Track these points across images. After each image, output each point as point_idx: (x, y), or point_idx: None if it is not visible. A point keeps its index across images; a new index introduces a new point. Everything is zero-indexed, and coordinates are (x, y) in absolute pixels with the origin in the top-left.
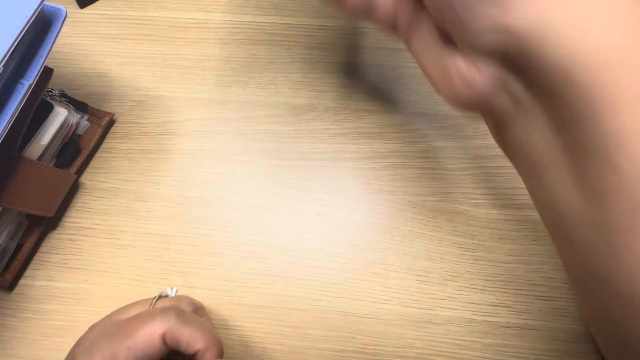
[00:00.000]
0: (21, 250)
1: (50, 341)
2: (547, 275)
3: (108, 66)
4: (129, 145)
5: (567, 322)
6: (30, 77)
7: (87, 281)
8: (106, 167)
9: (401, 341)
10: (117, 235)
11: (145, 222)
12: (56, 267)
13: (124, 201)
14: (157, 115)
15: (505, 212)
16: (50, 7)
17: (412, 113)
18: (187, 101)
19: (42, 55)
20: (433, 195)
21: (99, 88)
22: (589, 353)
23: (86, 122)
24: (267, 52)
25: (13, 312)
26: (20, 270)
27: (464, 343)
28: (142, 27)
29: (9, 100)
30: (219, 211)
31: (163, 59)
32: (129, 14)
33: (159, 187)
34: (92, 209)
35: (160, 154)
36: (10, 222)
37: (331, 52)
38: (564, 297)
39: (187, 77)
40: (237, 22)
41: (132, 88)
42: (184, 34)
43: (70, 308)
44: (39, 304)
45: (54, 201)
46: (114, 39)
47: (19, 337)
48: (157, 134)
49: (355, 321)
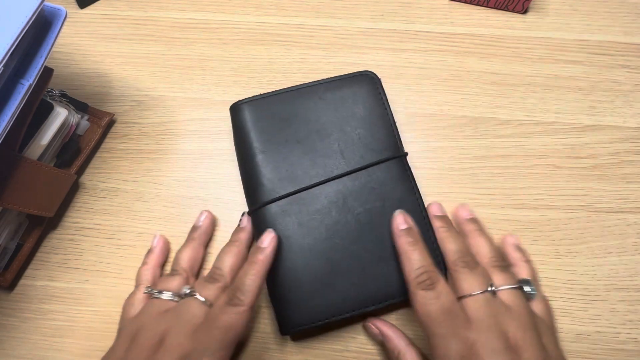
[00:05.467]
0: (21, 250)
1: (50, 341)
2: (547, 275)
3: (108, 66)
4: (129, 145)
5: (567, 322)
6: (30, 77)
7: (87, 281)
8: (106, 167)
9: None
10: (117, 235)
11: (145, 222)
12: (56, 267)
13: (124, 201)
14: (157, 115)
15: (505, 212)
16: (50, 7)
17: (412, 113)
18: (187, 101)
19: (42, 55)
20: (433, 195)
21: (99, 88)
22: (589, 353)
23: (86, 122)
24: (267, 52)
25: (13, 312)
26: (20, 270)
27: None
28: (142, 27)
29: (9, 100)
30: (219, 211)
31: (163, 59)
32: (129, 14)
33: (159, 187)
34: (92, 209)
35: (160, 154)
36: (10, 222)
37: (331, 52)
38: (564, 297)
39: (187, 77)
40: (237, 22)
41: (132, 88)
42: (184, 34)
43: (70, 308)
44: (39, 304)
45: (54, 201)
46: (114, 39)
47: (19, 337)
48: (157, 134)
49: (356, 321)
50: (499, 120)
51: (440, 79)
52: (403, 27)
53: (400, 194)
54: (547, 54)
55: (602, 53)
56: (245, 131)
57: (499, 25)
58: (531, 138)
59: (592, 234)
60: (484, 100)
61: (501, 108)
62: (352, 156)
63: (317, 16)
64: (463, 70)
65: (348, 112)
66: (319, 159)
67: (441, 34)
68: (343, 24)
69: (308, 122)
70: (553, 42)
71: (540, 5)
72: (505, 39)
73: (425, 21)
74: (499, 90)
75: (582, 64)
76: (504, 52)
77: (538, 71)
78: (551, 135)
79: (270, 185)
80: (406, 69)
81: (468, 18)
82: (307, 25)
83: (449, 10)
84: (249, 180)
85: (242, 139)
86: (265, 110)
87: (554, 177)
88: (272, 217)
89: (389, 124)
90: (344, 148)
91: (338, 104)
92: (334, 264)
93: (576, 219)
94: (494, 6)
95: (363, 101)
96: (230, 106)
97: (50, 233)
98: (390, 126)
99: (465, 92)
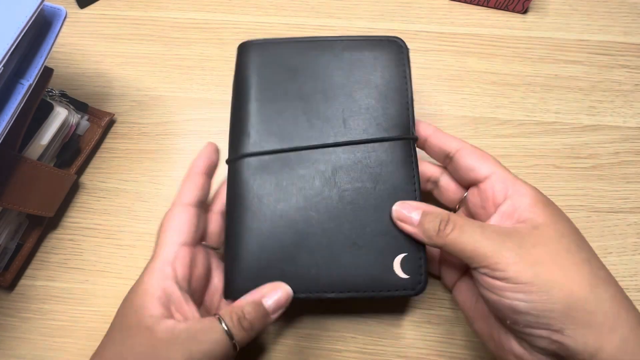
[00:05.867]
0: (21, 250)
1: (50, 341)
2: None
3: (108, 66)
4: (129, 145)
5: None
6: (30, 77)
7: (87, 281)
8: (106, 167)
9: (401, 341)
10: (117, 235)
11: (145, 222)
12: (56, 267)
13: (124, 201)
14: (157, 115)
15: None
16: (50, 7)
17: None
18: (187, 101)
19: (42, 56)
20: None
21: (99, 88)
22: None
23: (86, 122)
24: None
25: (13, 312)
26: (20, 270)
27: (464, 343)
28: (142, 27)
29: (9, 100)
30: None
31: (163, 59)
32: (129, 14)
33: (159, 187)
34: (92, 209)
35: (160, 154)
36: (10, 222)
37: None
38: None
39: (187, 77)
40: (237, 22)
41: (132, 88)
42: (184, 34)
43: (70, 308)
44: (39, 304)
45: (54, 201)
46: (114, 39)
47: (19, 337)
48: (157, 134)
49: (356, 321)
50: (499, 120)
51: (440, 79)
52: (403, 27)
53: (397, 181)
54: (547, 54)
55: (602, 53)
56: (245, 74)
57: (499, 25)
58: (531, 138)
59: (592, 234)
60: (484, 100)
61: (501, 108)
62: (355, 127)
63: (317, 16)
64: (463, 70)
65: (363, 78)
66: (317, 121)
67: (441, 34)
68: (343, 24)
69: (316, 79)
70: (553, 42)
71: (540, 5)
72: (505, 39)
73: (425, 21)
74: (499, 90)
75: (582, 64)
76: (504, 52)
77: (538, 71)
78: (551, 135)
79: (257, 137)
80: None
81: (468, 18)
82: (307, 25)
83: (449, 10)
84: (236, 126)
85: (240, 81)
86: (274, 56)
87: (554, 177)
88: (250, 171)
89: (405, 100)
90: (348, 116)
91: (354, 66)
92: (301, 238)
93: (576, 219)
94: (494, 6)
95: (382, 69)
96: (239, 45)
97: (50, 233)
98: (406, 103)
99: (465, 92)
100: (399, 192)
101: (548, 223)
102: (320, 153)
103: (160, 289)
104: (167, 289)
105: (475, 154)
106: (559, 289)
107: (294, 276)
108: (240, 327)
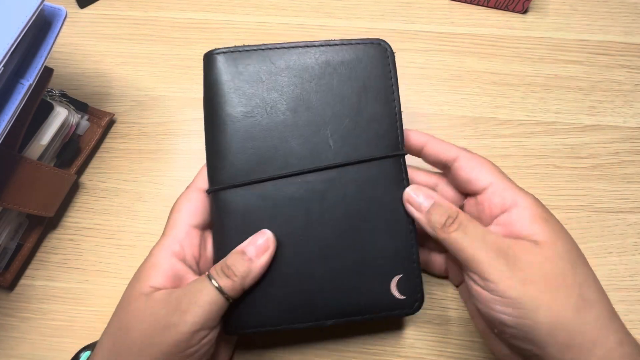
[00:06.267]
0: (21, 250)
1: (50, 341)
2: None
3: (108, 66)
4: (129, 145)
5: None
6: (30, 77)
7: (87, 281)
8: (106, 167)
9: (401, 341)
10: (117, 235)
11: (145, 222)
12: (56, 267)
13: (124, 201)
14: (157, 115)
15: None
16: (50, 7)
17: (412, 113)
18: (187, 101)
19: (42, 55)
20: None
21: (99, 88)
22: None
23: (86, 122)
24: None
25: (13, 312)
26: (20, 270)
27: (464, 343)
28: (142, 27)
29: (9, 100)
30: None
31: (163, 59)
32: (129, 14)
33: (159, 187)
34: (92, 209)
35: (160, 154)
36: (10, 222)
37: None
38: None
39: (187, 77)
40: (237, 22)
41: (132, 88)
42: (184, 34)
43: (70, 308)
44: (39, 304)
45: (54, 201)
46: (114, 39)
47: (19, 337)
48: (157, 134)
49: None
50: (499, 120)
51: (440, 79)
52: (403, 27)
53: (389, 201)
54: (547, 54)
55: (602, 53)
56: (216, 91)
57: (499, 25)
58: (531, 138)
59: (592, 234)
60: (484, 100)
61: (501, 108)
62: (339, 147)
63: (317, 16)
64: (463, 70)
65: (344, 90)
66: (297, 141)
67: (441, 34)
68: (343, 24)
69: (293, 92)
70: (553, 42)
71: (540, 5)
72: (505, 39)
73: (426, 21)
74: (499, 90)
75: (582, 64)
76: (504, 52)
77: (538, 71)
78: (551, 135)
79: (236, 166)
80: (406, 68)
81: (468, 18)
82: (307, 25)
83: (449, 10)
84: (211, 153)
85: (210, 98)
86: (245, 68)
87: (554, 177)
88: (233, 204)
89: (393, 112)
90: (330, 134)
91: (334, 76)
92: (295, 269)
93: (576, 219)
94: (494, 6)
95: (365, 79)
96: (204, 54)
97: (50, 233)
98: (394, 115)
99: (465, 92)
100: (389, 214)
101: (547, 242)
102: (305, 178)
103: (167, 263)
104: (175, 264)
105: (472, 161)
106: (545, 310)
107: (291, 307)
108: (225, 276)
